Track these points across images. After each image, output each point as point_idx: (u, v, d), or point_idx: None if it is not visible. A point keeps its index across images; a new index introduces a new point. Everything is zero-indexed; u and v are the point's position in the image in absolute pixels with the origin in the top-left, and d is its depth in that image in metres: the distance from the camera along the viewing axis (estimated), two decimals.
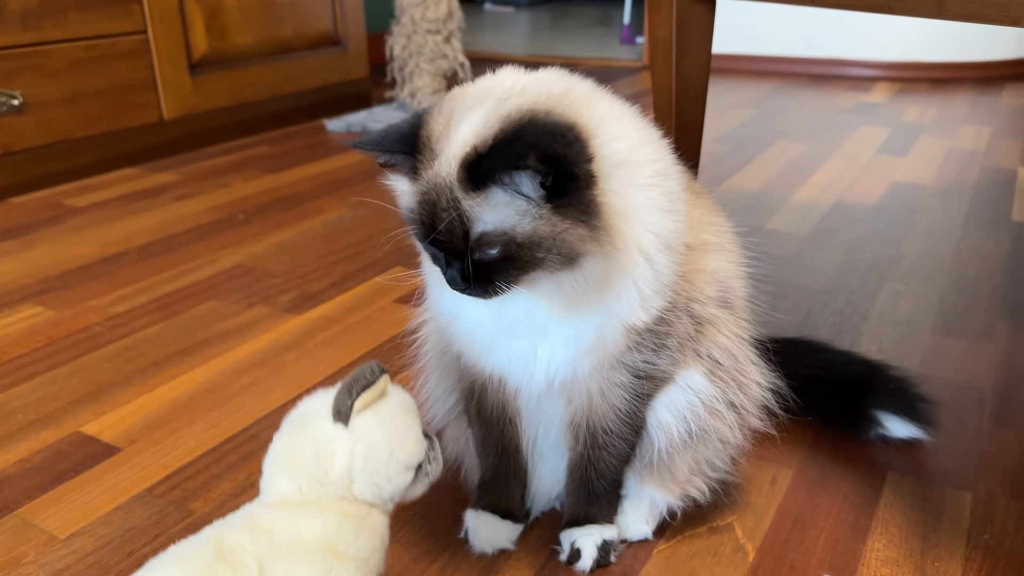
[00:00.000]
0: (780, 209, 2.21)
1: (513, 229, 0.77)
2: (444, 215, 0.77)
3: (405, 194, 0.82)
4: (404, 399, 0.80)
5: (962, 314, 1.61)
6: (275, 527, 0.73)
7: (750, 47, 4.16)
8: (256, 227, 2.13)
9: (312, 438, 0.75)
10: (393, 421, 0.77)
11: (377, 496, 0.77)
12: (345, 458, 0.75)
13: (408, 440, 0.78)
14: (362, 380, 0.76)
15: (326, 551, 0.73)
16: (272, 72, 3.08)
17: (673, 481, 1.00)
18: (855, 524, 1.05)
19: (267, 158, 2.77)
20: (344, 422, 0.75)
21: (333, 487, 0.75)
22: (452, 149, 0.77)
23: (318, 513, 0.74)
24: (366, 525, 0.76)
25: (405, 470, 0.78)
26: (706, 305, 0.93)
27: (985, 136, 2.93)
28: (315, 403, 0.79)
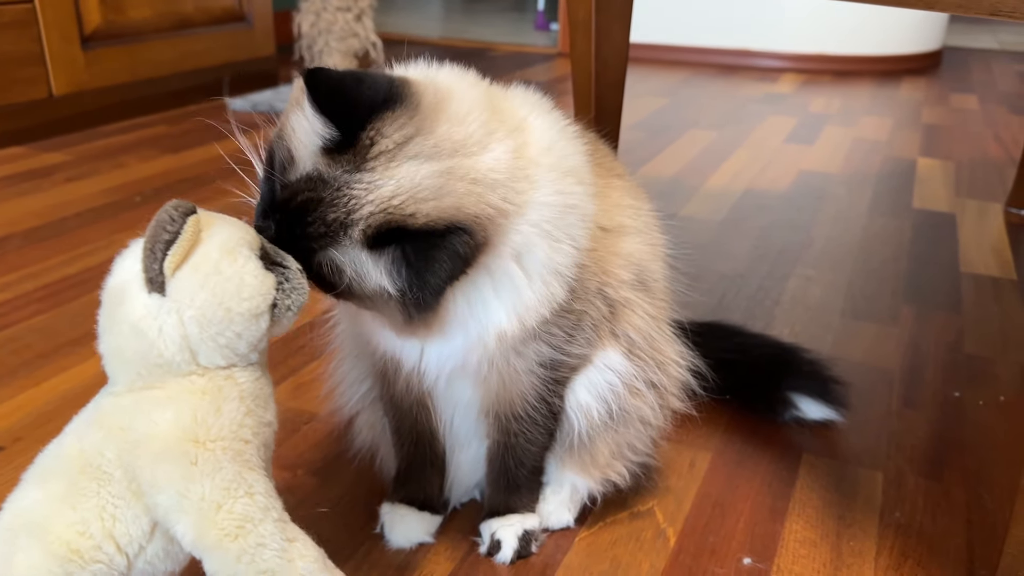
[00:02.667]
0: (694, 196, 2.23)
1: (361, 281, 0.73)
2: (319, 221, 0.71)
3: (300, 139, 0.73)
4: (226, 236, 0.68)
5: (869, 298, 1.66)
6: (125, 423, 0.66)
7: (663, 37, 4.21)
8: (153, 210, 1.96)
9: (131, 320, 0.65)
10: (219, 271, 0.66)
11: (231, 356, 0.68)
12: (174, 331, 0.65)
13: (245, 286, 0.67)
14: (163, 234, 0.65)
15: (186, 441, 0.65)
16: (172, 48, 2.93)
17: (594, 465, 0.98)
18: (773, 507, 1.06)
19: (166, 138, 2.63)
20: (159, 290, 0.65)
21: (173, 365, 0.66)
22: (384, 183, 0.71)
23: (167, 400, 0.66)
24: (227, 395, 0.67)
25: (254, 319, 0.68)
26: (620, 289, 0.91)
27: (887, 127, 3.03)
28: (126, 266, 0.68)
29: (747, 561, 0.96)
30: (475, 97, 0.78)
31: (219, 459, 0.66)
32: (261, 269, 0.69)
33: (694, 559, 0.96)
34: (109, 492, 0.65)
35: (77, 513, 0.64)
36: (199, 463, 0.65)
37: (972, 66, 4.31)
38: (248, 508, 0.66)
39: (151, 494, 0.65)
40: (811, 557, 0.97)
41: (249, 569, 0.65)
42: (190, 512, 0.65)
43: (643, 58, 4.14)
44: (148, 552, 0.67)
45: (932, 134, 2.96)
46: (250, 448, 0.68)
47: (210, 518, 0.64)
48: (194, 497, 0.64)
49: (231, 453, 0.66)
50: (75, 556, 0.64)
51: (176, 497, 0.64)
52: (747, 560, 0.96)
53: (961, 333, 1.52)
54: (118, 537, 0.65)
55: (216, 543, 0.65)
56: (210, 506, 0.65)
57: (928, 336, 1.51)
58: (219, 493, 0.65)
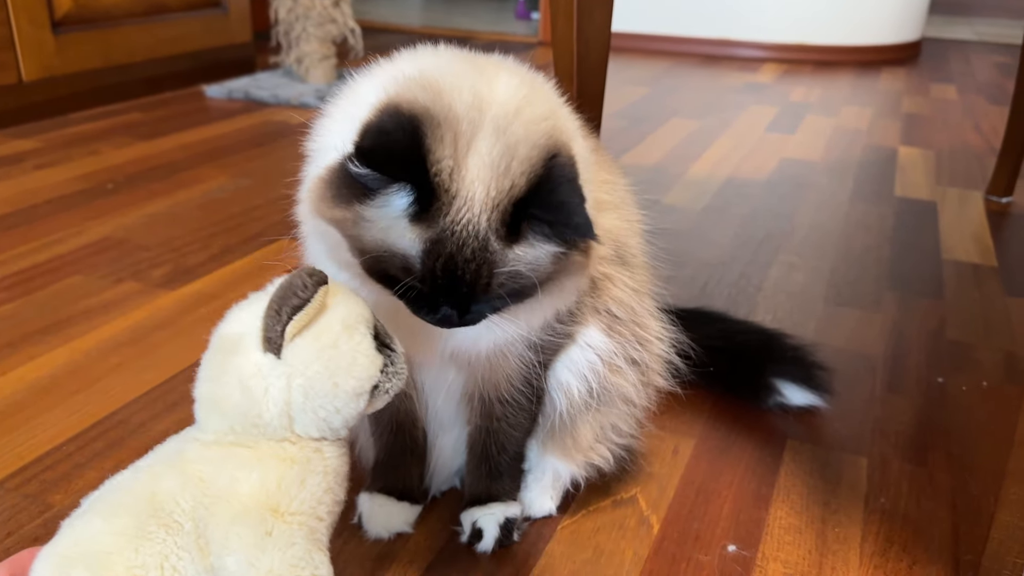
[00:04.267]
0: (676, 184, 2.22)
1: (534, 270, 0.72)
2: (469, 266, 0.69)
3: (385, 228, 0.69)
4: (348, 311, 0.67)
5: (852, 284, 1.65)
6: (207, 475, 0.64)
7: (644, 26, 4.19)
8: (127, 197, 1.97)
9: (239, 372, 0.64)
10: (335, 346, 0.65)
11: (325, 431, 0.67)
12: (280, 395, 0.64)
13: (356, 365, 0.66)
14: (293, 298, 0.63)
15: (265, 509, 0.63)
16: (146, 33, 2.87)
17: (577, 448, 0.96)
18: (757, 493, 1.04)
19: (140, 125, 2.58)
20: (275, 352, 0.63)
21: (270, 429, 0.65)
22: (474, 190, 0.69)
23: (255, 461, 0.64)
24: (313, 468, 0.66)
25: (355, 398, 0.67)
26: (599, 264, 0.89)
27: (867, 116, 3.03)
28: (244, 319, 0.66)
29: (731, 548, 0.95)
30: (462, 67, 0.76)
31: (294, 533, 0.64)
32: (374, 350, 0.68)
33: (678, 546, 0.95)
34: (175, 542, 0.63)
35: (139, 556, 0.62)
36: (274, 534, 0.63)
37: (951, 57, 4.33)
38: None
39: (219, 554, 0.63)
40: (796, 544, 0.96)
41: None
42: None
43: (624, 47, 4.12)
44: None
45: (912, 123, 2.96)
46: (322, 526, 0.68)
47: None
48: (262, 568, 0.63)
49: (306, 529, 0.65)
50: None
51: (244, 564, 0.63)
52: (731, 547, 0.95)
53: (943, 319, 1.52)
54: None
55: None
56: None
57: (911, 322, 1.50)
58: (287, 569, 0.63)
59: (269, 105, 2.85)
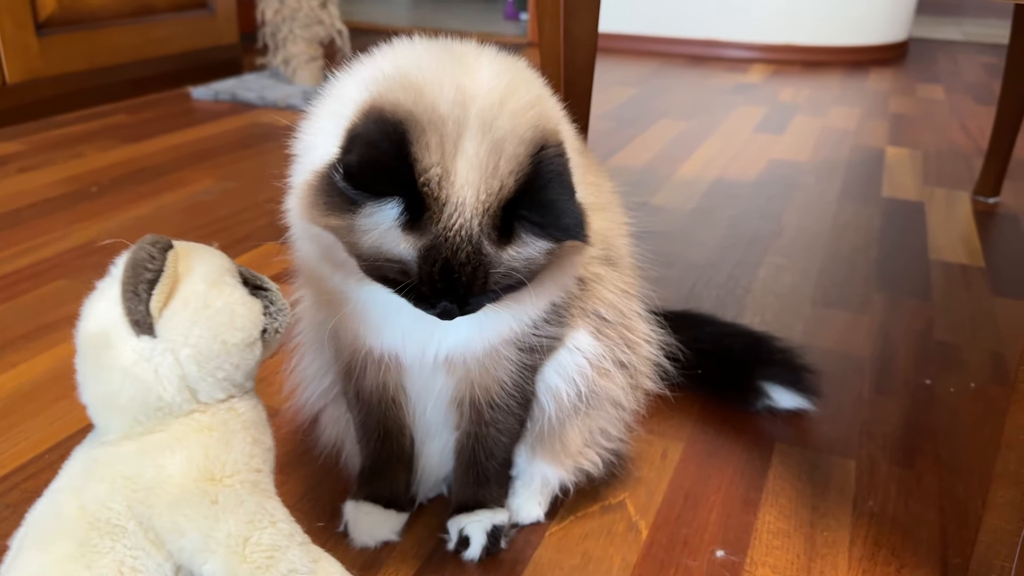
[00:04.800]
0: (664, 185, 2.22)
1: (528, 268, 0.72)
2: (464, 269, 0.69)
3: (379, 237, 0.69)
4: (207, 267, 0.65)
5: (840, 286, 1.65)
6: (130, 471, 0.62)
7: (632, 27, 4.19)
8: (112, 200, 1.95)
9: (120, 365, 0.61)
10: (208, 305, 0.63)
11: (230, 388, 0.66)
12: (171, 372, 0.62)
13: (237, 316, 0.64)
14: (145, 273, 0.60)
15: (203, 481, 0.63)
16: (132, 35, 2.85)
17: (565, 453, 0.96)
18: (746, 497, 1.04)
19: (126, 127, 2.56)
20: (149, 332, 0.61)
21: (174, 406, 0.63)
22: (463, 194, 0.68)
23: (174, 443, 0.63)
24: (232, 428, 0.65)
25: (248, 348, 0.65)
26: (589, 265, 0.90)
27: (855, 117, 3.04)
28: (101, 310, 0.63)
29: (720, 553, 0.94)
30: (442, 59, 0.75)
31: (239, 493, 0.64)
32: (248, 296, 0.66)
33: (666, 552, 0.94)
34: (125, 545, 0.62)
35: (93, 572, 0.61)
36: (220, 501, 0.63)
37: (938, 57, 4.35)
38: (274, 537, 0.65)
39: (173, 540, 0.63)
40: (785, 548, 0.96)
41: None
42: (218, 551, 0.62)
43: (612, 48, 4.12)
44: None
45: (900, 124, 2.97)
46: (263, 476, 0.67)
47: (239, 553, 0.63)
48: (220, 535, 0.62)
49: (248, 485, 0.65)
50: None
51: (201, 539, 0.62)
52: (720, 552, 0.94)
53: (931, 320, 1.52)
54: None
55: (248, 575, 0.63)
56: (237, 541, 0.63)
57: (898, 323, 1.50)
58: (244, 527, 0.63)
59: (256, 107, 2.83)
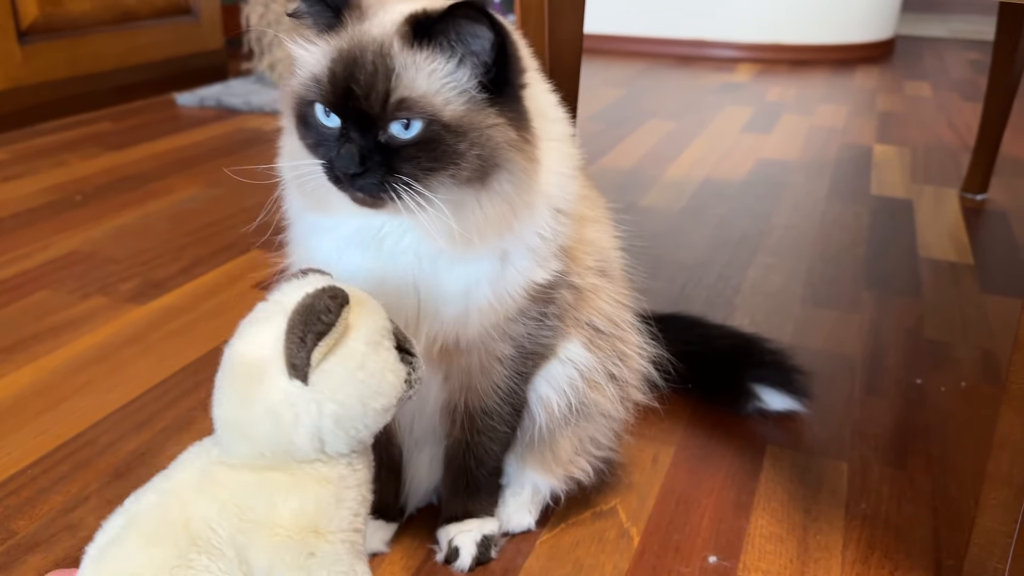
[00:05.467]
0: (653, 186, 2.21)
1: (444, 105, 0.71)
2: (367, 69, 0.70)
3: (311, 56, 0.74)
4: (371, 328, 0.66)
5: (829, 284, 1.64)
6: (243, 501, 0.64)
7: (619, 27, 4.18)
8: (95, 209, 1.93)
9: (266, 400, 0.63)
10: (363, 367, 0.65)
11: (355, 446, 0.67)
12: (311, 422, 0.64)
13: (384, 383, 0.66)
14: (317, 324, 0.62)
15: (307, 531, 0.64)
16: (115, 42, 2.83)
17: (556, 462, 0.95)
18: (738, 501, 1.03)
19: (110, 135, 2.54)
20: (303, 380, 0.63)
21: (300, 453, 0.65)
22: (392, 13, 0.73)
23: (292, 486, 0.64)
24: (347, 484, 0.67)
25: (384, 413, 0.67)
26: (585, 276, 0.90)
27: (842, 115, 3.04)
28: (263, 342, 0.65)
29: (713, 559, 0.93)
30: None
31: (337, 551, 0.65)
32: (399, 363, 0.68)
33: (658, 559, 0.93)
34: (219, 567, 0.63)
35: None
36: (318, 555, 0.64)
37: (924, 54, 4.36)
38: None
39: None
40: (777, 553, 0.95)
41: None
42: None
43: (599, 49, 4.11)
44: None
45: (887, 121, 2.97)
46: (359, 537, 0.68)
47: None
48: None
49: (347, 545, 0.66)
50: None
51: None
52: (712, 558, 0.93)
53: (921, 318, 1.51)
54: None
55: None
56: None
57: (888, 322, 1.50)
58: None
59: (242, 112, 2.81)
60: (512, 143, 0.73)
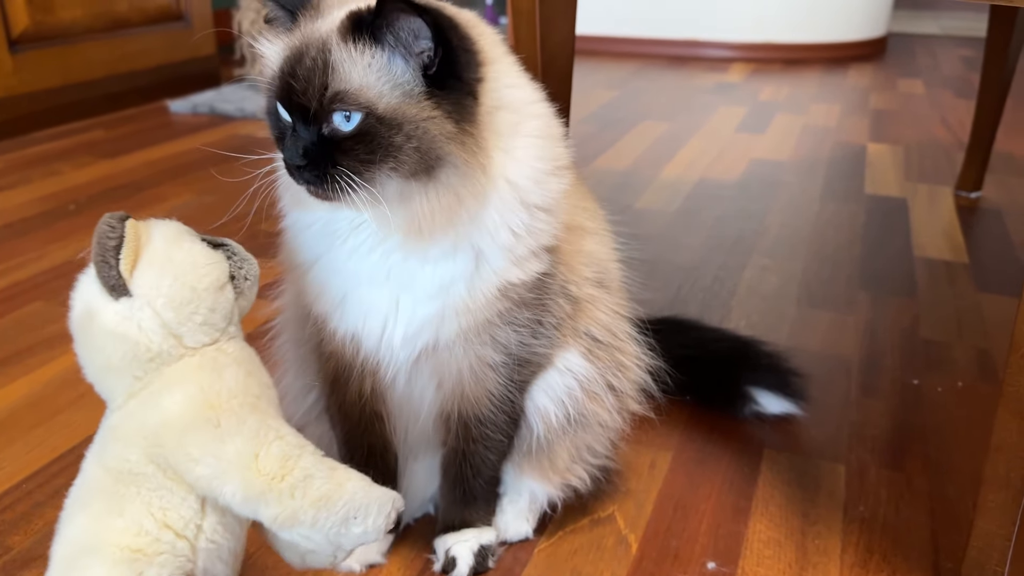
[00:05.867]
0: (648, 188, 2.21)
1: (378, 98, 0.72)
2: (306, 64, 0.73)
3: (271, 54, 0.77)
4: (165, 229, 0.71)
5: (825, 285, 1.64)
6: (140, 422, 0.67)
7: (612, 28, 4.18)
8: (89, 218, 1.92)
9: (108, 330, 0.68)
10: (171, 259, 0.69)
11: (213, 332, 0.71)
12: (153, 322, 0.67)
13: (199, 265, 0.70)
14: (110, 241, 0.67)
15: (204, 409, 0.67)
16: (107, 49, 2.82)
17: (553, 470, 0.95)
18: (736, 506, 1.03)
19: (103, 143, 2.53)
20: (124, 293, 0.67)
21: (164, 355, 0.68)
22: (342, 12, 0.75)
23: (170, 384, 0.68)
24: (222, 363, 0.70)
25: (219, 291, 0.71)
26: (583, 286, 0.90)
27: (835, 113, 3.04)
28: (80, 293, 0.70)
29: (711, 565, 0.93)
30: None
31: (239, 414, 0.68)
32: (207, 248, 0.72)
33: (657, 565, 0.93)
34: (148, 488, 0.67)
35: (126, 518, 0.66)
36: (222, 423, 0.67)
37: (917, 51, 4.36)
38: (283, 447, 0.68)
39: (189, 469, 0.66)
40: (776, 558, 0.95)
41: (304, 501, 0.67)
42: (231, 470, 0.66)
43: (592, 50, 4.11)
44: (206, 529, 0.69)
45: (880, 119, 2.97)
46: (262, 402, 0.71)
47: (252, 467, 0.66)
48: (230, 455, 0.66)
49: (247, 408, 0.69)
50: (139, 555, 0.65)
51: (213, 462, 0.66)
52: (711, 564, 0.93)
53: (917, 318, 1.51)
54: (172, 523, 0.67)
55: (266, 487, 0.66)
56: (247, 458, 0.66)
57: (884, 322, 1.50)
58: (251, 443, 0.67)
59: (235, 119, 2.81)
60: (449, 136, 0.74)
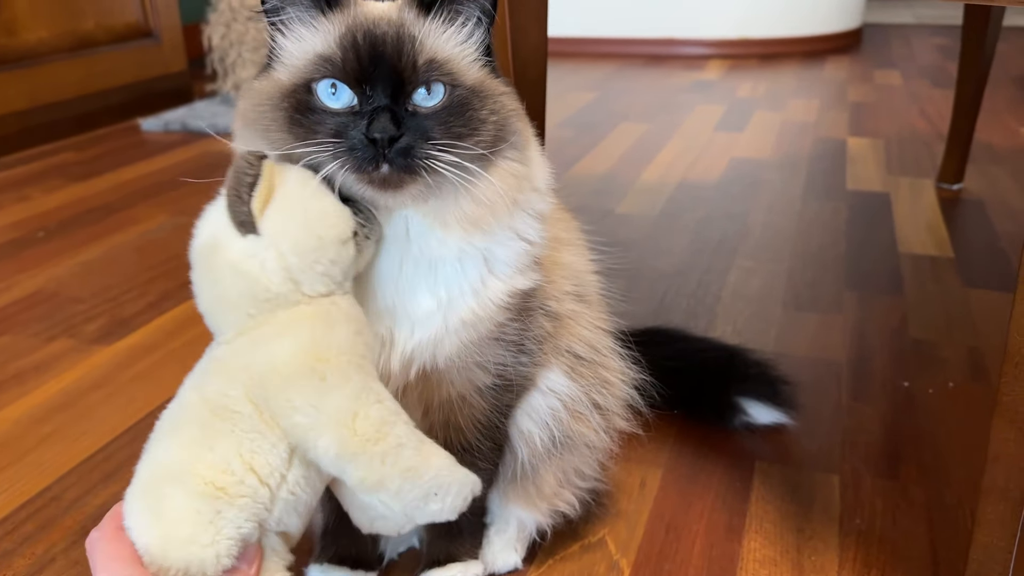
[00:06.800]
0: (628, 192, 2.18)
1: (466, 70, 0.71)
2: (390, 35, 0.69)
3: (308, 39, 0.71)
4: (299, 174, 0.70)
5: (811, 286, 1.62)
6: (246, 361, 0.67)
7: (587, 30, 4.16)
8: (59, 244, 1.88)
9: (229, 264, 0.67)
10: (302, 203, 0.69)
11: (330, 284, 0.70)
12: (276, 264, 0.67)
13: (328, 214, 0.70)
14: (247, 178, 0.67)
15: (312, 359, 0.67)
16: (74, 69, 2.77)
17: (540, 496, 0.92)
18: (729, 524, 1.00)
19: (73, 165, 2.48)
20: (252, 231, 0.67)
21: (281, 298, 0.68)
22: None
23: (282, 329, 0.68)
24: (335, 317, 0.69)
25: (342, 244, 0.70)
26: (563, 301, 0.87)
27: (814, 108, 3.03)
28: (208, 223, 0.69)
29: None
30: None
31: (345, 371, 0.67)
32: (338, 201, 0.71)
33: None
34: (242, 428, 0.66)
35: (216, 453, 0.66)
36: (328, 378, 0.66)
37: (892, 41, 4.37)
38: (382, 412, 0.68)
39: (287, 416, 0.66)
40: None
41: (393, 469, 0.68)
42: (329, 425, 0.66)
43: (569, 52, 4.09)
44: (289, 480, 0.68)
45: (859, 112, 2.97)
46: (367, 363, 0.70)
47: (349, 427, 0.66)
48: (330, 409, 0.66)
49: (354, 366, 0.68)
50: (221, 493, 0.65)
51: (313, 414, 0.66)
52: None
53: (905, 317, 1.50)
54: (258, 469, 0.66)
55: (360, 449, 0.66)
56: (347, 415, 0.66)
57: (872, 322, 1.48)
58: (352, 402, 0.67)
59: (208, 135, 2.76)
60: (518, 113, 0.73)
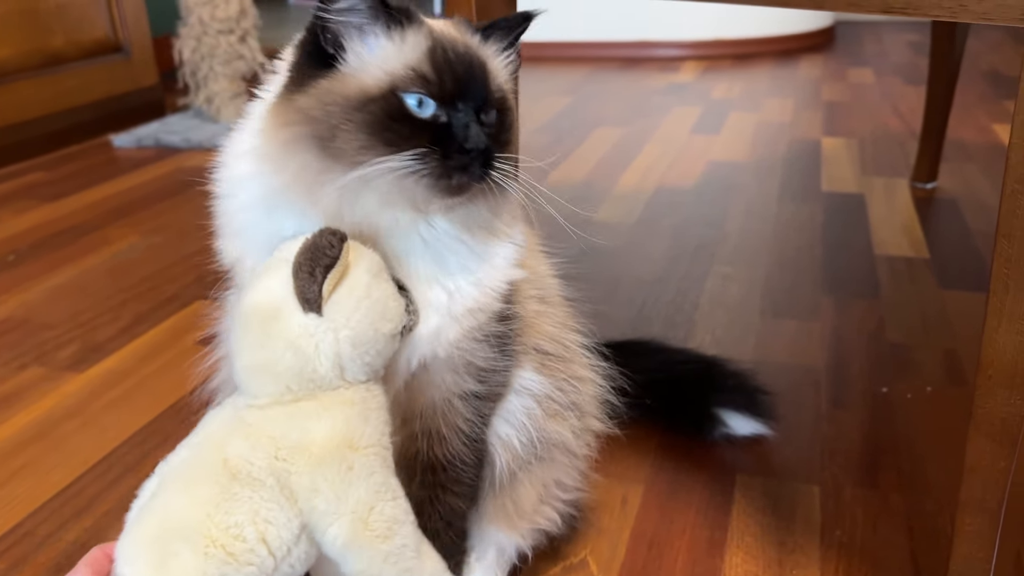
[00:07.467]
0: (606, 199, 2.18)
1: (509, 90, 0.77)
2: (475, 59, 0.74)
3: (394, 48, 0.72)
4: (370, 261, 0.71)
5: (788, 291, 1.63)
6: (276, 433, 0.68)
7: (560, 33, 4.16)
8: (29, 269, 1.85)
9: (285, 336, 0.68)
10: (369, 295, 0.70)
11: (370, 373, 0.72)
12: (330, 349, 0.68)
13: (389, 309, 0.71)
14: (323, 258, 0.67)
15: (342, 447, 0.68)
16: (43, 87, 2.73)
17: (519, 515, 0.91)
18: (711, 539, 1.00)
19: (43, 185, 2.45)
20: (317, 311, 0.68)
21: (324, 381, 0.69)
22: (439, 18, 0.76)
23: (321, 411, 0.69)
24: (370, 406, 0.71)
25: (392, 339, 0.72)
26: (527, 304, 0.87)
27: (789, 108, 3.04)
28: (272, 287, 0.70)
29: None
30: None
31: (371, 463, 0.69)
32: (398, 293, 0.73)
33: None
34: (262, 497, 0.66)
35: (232, 517, 0.65)
36: (355, 468, 0.67)
37: (864, 38, 4.40)
38: (395, 511, 0.69)
39: (308, 499, 0.67)
40: None
41: (393, 569, 0.69)
42: (345, 515, 0.67)
43: (543, 56, 4.08)
44: (293, 555, 0.68)
45: (833, 112, 2.98)
46: (389, 454, 0.72)
47: (364, 520, 0.67)
48: (351, 500, 0.67)
49: (379, 459, 0.70)
50: (231, 559, 0.65)
51: (334, 501, 0.67)
52: None
53: (882, 320, 1.50)
54: (270, 540, 0.66)
55: (368, 544, 0.67)
56: (364, 508, 0.67)
57: (850, 327, 1.48)
58: (372, 496, 0.68)
59: (181, 150, 2.73)
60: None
